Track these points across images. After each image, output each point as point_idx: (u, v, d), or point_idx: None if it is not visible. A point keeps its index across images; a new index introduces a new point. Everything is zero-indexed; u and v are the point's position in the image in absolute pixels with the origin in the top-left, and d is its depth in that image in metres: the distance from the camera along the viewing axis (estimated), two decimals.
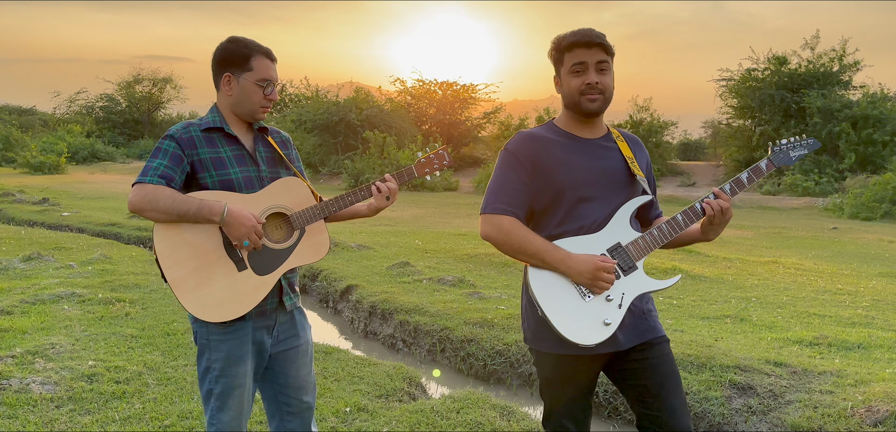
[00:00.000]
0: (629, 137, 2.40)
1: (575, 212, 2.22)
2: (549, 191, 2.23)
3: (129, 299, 6.41)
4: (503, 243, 2.22)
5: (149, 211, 2.33)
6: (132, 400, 4.10)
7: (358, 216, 2.69)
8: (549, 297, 2.16)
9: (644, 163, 2.38)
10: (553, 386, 2.30)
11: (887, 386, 4.01)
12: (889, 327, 5.87)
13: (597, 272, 2.13)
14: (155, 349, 5.04)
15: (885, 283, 8.25)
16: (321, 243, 2.53)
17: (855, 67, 27.23)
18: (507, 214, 2.22)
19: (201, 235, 2.36)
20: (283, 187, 2.50)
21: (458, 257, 9.09)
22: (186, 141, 2.42)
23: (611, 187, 2.25)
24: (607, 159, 2.27)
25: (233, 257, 2.38)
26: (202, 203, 2.33)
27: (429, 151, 2.71)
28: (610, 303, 2.16)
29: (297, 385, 2.64)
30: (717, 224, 2.24)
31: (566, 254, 2.17)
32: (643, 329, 2.26)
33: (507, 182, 2.25)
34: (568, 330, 2.13)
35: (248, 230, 2.34)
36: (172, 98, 49.97)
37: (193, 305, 2.35)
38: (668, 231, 2.24)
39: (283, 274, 2.50)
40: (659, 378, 2.24)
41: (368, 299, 6.64)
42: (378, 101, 33.27)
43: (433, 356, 5.63)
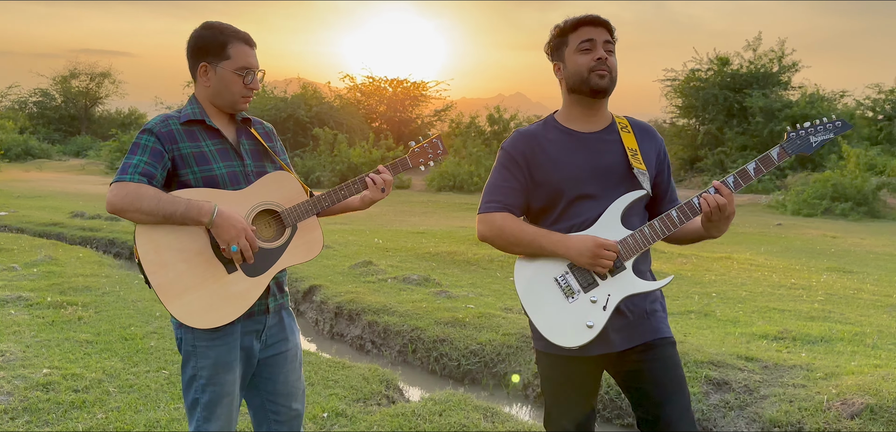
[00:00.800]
0: (639, 127, 2.31)
1: (571, 210, 2.17)
2: (545, 190, 2.19)
3: (80, 302, 6.11)
4: (497, 238, 2.19)
5: (130, 212, 2.17)
6: (93, 409, 3.89)
7: (350, 210, 2.58)
8: (532, 297, 2.13)
9: (654, 154, 2.28)
10: (551, 385, 2.25)
11: (858, 379, 4.10)
12: (846, 320, 6.04)
13: (597, 249, 2.08)
14: (113, 355, 4.80)
15: (834, 278, 8.50)
16: (314, 240, 2.41)
17: (793, 68, 28.16)
18: (500, 211, 2.19)
19: (187, 236, 2.22)
20: (272, 183, 2.36)
21: (420, 255, 8.99)
22: (166, 135, 2.26)
23: (607, 183, 2.18)
24: (604, 154, 2.20)
25: (221, 259, 2.25)
26: (190, 203, 2.19)
27: (423, 141, 2.61)
28: (594, 306, 2.10)
29: (286, 391, 2.51)
30: (716, 220, 2.13)
31: (564, 236, 2.12)
32: (643, 330, 2.20)
33: (501, 181, 2.22)
34: (549, 330, 2.10)
35: (238, 233, 2.20)
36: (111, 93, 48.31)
37: (180, 311, 2.20)
38: (661, 228, 2.15)
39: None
40: (658, 382, 2.18)
41: (333, 300, 6.49)
42: (327, 98, 32.83)
43: (404, 357, 5.52)
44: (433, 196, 22.01)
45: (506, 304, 6.28)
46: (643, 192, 2.19)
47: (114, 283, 7.14)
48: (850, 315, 6.30)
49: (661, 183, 2.31)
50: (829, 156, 22.69)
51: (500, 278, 7.75)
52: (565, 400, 2.23)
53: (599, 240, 2.09)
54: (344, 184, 2.45)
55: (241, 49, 2.33)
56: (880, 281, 8.35)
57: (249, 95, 2.38)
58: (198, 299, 2.21)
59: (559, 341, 2.09)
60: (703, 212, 2.13)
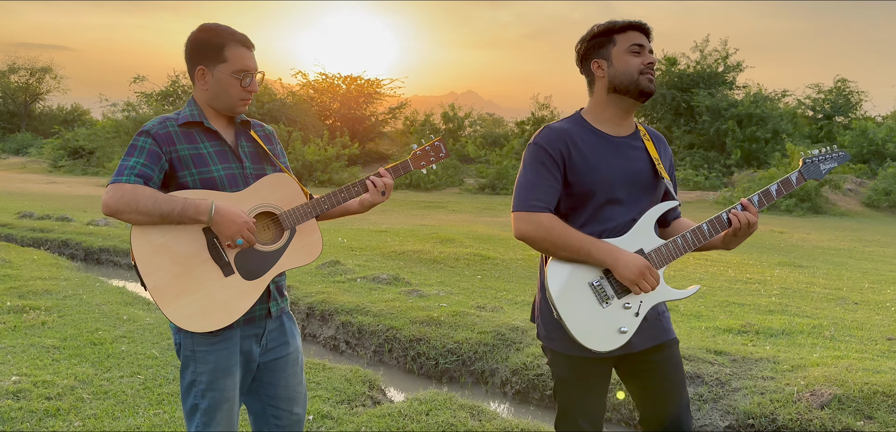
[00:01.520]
0: (654, 135, 2.37)
1: (600, 214, 2.20)
2: (576, 191, 2.20)
3: (43, 307, 5.92)
4: (543, 240, 2.16)
5: (127, 213, 2.13)
6: (69, 417, 3.79)
7: (348, 213, 2.56)
8: (566, 301, 2.15)
9: (667, 162, 2.36)
10: (568, 386, 2.27)
11: (823, 370, 4.29)
12: (803, 314, 6.29)
13: (644, 272, 2.12)
14: (83, 360, 4.67)
15: (787, 272, 8.83)
16: (314, 243, 2.39)
17: (738, 68, 29.03)
18: (545, 211, 2.17)
19: (184, 239, 2.19)
20: (270, 184, 2.34)
21: (386, 254, 8.98)
22: (163, 137, 2.24)
23: (637, 190, 2.23)
24: (635, 160, 2.25)
25: (218, 262, 2.22)
26: (187, 201, 2.16)
27: (424, 143, 2.61)
28: (627, 311, 2.16)
29: (287, 396, 2.50)
30: (740, 236, 2.21)
31: (614, 247, 2.15)
32: (657, 331, 2.27)
33: (538, 177, 2.19)
34: (583, 335, 2.13)
35: (239, 227, 2.18)
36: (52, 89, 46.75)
37: (176, 314, 2.17)
38: (693, 240, 2.21)
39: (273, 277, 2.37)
40: (666, 380, 2.28)
41: (304, 300, 6.44)
42: (279, 95, 32.40)
43: (380, 357, 5.52)
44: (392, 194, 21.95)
45: (477, 302, 6.34)
46: (676, 203, 2.27)
47: (74, 286, 6.94)
48: (806, 308, 6.56)
49: (674, 194, 2.37)
50: (773, 153, 23.49)
51: (468, 276, 7.81)
52: (583, 399, 2.27)
53: (647, 264, 2.13)
54: (344, 188, 2.43)
55: (238, 51, 2.30)
56: (829, 274, 8.71)
57: (248, 98, 2.35)
58: (195, 302, 2.18)
59: (592, 345, 2.12)
60: (732, 227, 2.19)
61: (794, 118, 27.17)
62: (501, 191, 22.74)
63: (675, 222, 2.40)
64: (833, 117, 28.24)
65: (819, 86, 29.16)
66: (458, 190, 24.19)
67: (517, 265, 8.53)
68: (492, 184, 23.17)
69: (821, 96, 28.84)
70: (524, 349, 5.05)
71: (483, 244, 10.17)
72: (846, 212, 18.74)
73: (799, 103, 29.07)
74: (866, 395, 3.89)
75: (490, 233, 11.54)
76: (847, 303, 6.88)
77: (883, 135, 23.49)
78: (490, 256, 8.91)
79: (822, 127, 27.75)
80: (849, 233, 14.18)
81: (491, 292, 6.97)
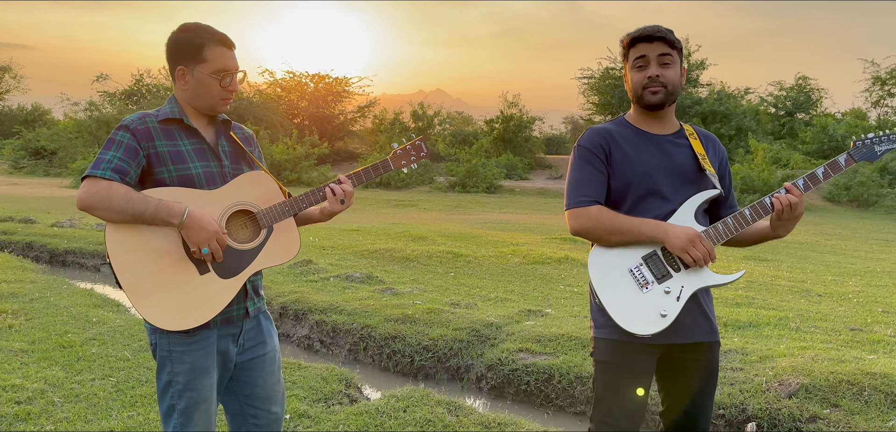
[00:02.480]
0: (704, 134, 2.40)
1: (641, 205, 2.24)
2: (618, 184, 2.26)
3: (9, 310, 5.80)
4: (594, 229, 2.22)
5: (100, 209, 2.13)
6: (39, 420, 3.73)
7: (311, 221, 2.53)
8: (606, 286, 2.19)
9: (718, 161, 2.37)
10: (608, 372, 2.27)
11: (791, 361, 4.40)
12: (769, 306, 6.43)
13: (694, 240, 2.14)
14: (53, 364, 4.60)
15: (752, 265, 9.01)
16: (291, 242, 2.38)
17: (701, 66, 29.51)
18: (593, 203, 2.24)
19: (159, 236, 2.18)
20: (247, 182, 2.33)
21: (359, 253, 8.96)
22: (142, 132, 2.22)
23: (679, 182, 2.26)
24: (676, 154, 2.28)
25: (194, 260, 2.21)
26: (160, 203, 2.15)
27: (405, 142, 2.62)
28: (668, 296, 2.16)
29: (265, 395, 2.49)
30: (786, 219, 2.20)
31: (663, 223, 2.19)
32: (705, 329, 2.29)
33: (586, 175, 2.28)
34: (623, 318, 2.15)
35: (208, 236, 2.16)
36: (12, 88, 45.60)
37: (150, 313, 2.16)
38: (734, 225, 2.22)
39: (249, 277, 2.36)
40: (702, 382, 2.31)
41: (278, 300, 6.40)
42: (246, 93, 32.07)
43: (355, 355, 5.52)
44: (361, 192, 21.90)
45: (452, 299, 6.37)
46: (717, 191, 2.26)
47: (40, 289, 6.80)
48: (772, 301, 6.71)
49: (724, 188, 2.37)
50: (737, 150, 23.95)
51: (441, 274, 7.84)
52: (622, 389, 2.26)
53: (698, 232, 2.15)
54: (303, 195, 2.40)
55: (217, 51, 2.29)
56: (793, 268, 8.92)
57: (229, 98, 2.35)
58: (169, 300, 2.17)
59: (633, 329, 2.14)
60: (775, 211, 2.20)
61: (757, 115, 27.71)
62: (472, 189, 22.80)
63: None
64: (795, 114, 28.87)
65: (781, 83, 29.81)
66: (429, 188, 24.20)
67: (489, 262, 8.59)
68: (462, 182, 23.23)
69: (783, 94, 29.47)
70: (499, 345, 5.10)
71: (455, 241, 10.20)
72: (808, 206, 19.18)
73: (762, 100, 29.67)
74: (832, 384, 4.00)
75: (462, 231, 11.58)
76: (811, 296, 7.06)
77: (842, 132, 24.11)
78: (462, 254, 8.95)
79: (784, 123, 28.36)
80: (811, 227, 14.52)
81: (464, 289, 7.01)
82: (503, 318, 5.62)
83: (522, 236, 11.13)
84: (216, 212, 2.25)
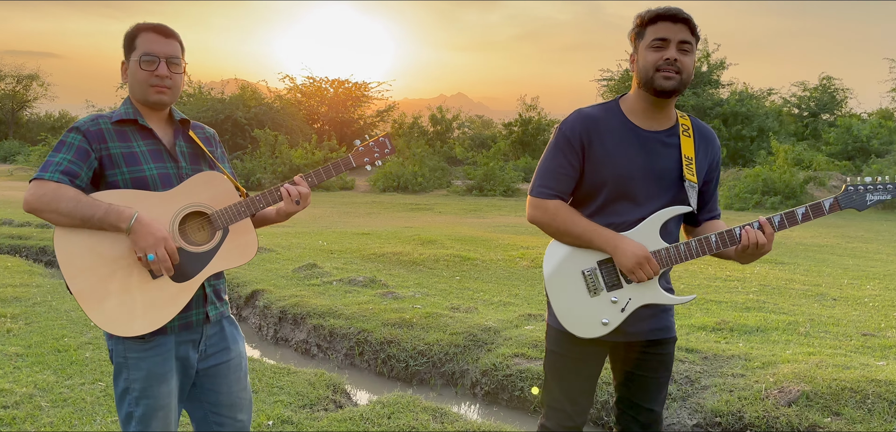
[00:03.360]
0: (700, 132, 2.28)
1: (611, 208, 2.18)
2: (591, 181, 2.19)
3: (10, 314, 5.83)
4: (548, 224, 2.21)
5: (48, 212, 2.07)
6: (24, 426, 3.71)
7: (267, 222, 2.46)
8: (556, 282, 2.21)
9: (707, 163, 2.27)
10: (555, 361, 2.29)
11: (793, 367, 4.25)
12: (780, 311, 6.26)
13: (642, 261, 2.11)
14: (45, 368, 4.59)
15: (767, 269, 8.80)
16: (248, 244, 2.31)
17: (721, 67, 29.11)
18: (553, 198, 2.20)
19: (108, 239, 2.12)
20: (201, 183, 2.26)
21: (365, 257, 8.91)
22: (94, 134, 2.17)
23: (655, 189, 2.17)
24: (661, 158, 2.18)
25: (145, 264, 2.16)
26: (109, 208, 2.08)
27: (368, 139, 2.54)
28: (614, 306, 2.16)
29: (229, 402, 2.43)
30: (750, 254, 2.14)
31: (616, 235, 2.14)
32: (658, 327, 2.26)
33: (555, 164, 2.21)
34: (565, 317, 2.19)
35: (156, 241, 2.09)
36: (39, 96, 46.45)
37: (102, 319, 2.11)
38: (697, 249, 2.16)
39: (207, 280, 2.29)
40: (655, 375, 2.30)
41: (277, 304, 6.36)
42: (266, 99, 32.28)
43: (351, 360, 5.46)
44: (377, 197, 21.89)
45: (452, 304, 6.28)
46: (688, 209, 2.19)
47: (45, 293, 6.84)
48: (784, 305, 6.53)
49: (706, 192, 2.30)
50: (758, 151, 23.57)
51: (446, 277, 7.76)
52: (570, 377, 2.27)
53: (647, 254, 2.11)
54: (259, 195, 2.32)
55: (146, 37, 2.21)
56: (809, 271, 8.70)
57: (159, 84, 2.21)
58: (120, 306, 2.11)
59: (571, 329, 2.18)
60: (741, 244, 2.13)
61: (780, 116, 27.27)
62: (489, 193, 22.70)
63: (708, 223, 2.33)
64: (819, 115, 28.36)
65: (804, 83, 29.31)
66: (446, 191, 24.12)
67: (497, 266, 8.48)
68: (479, 185, 23.14)
69: (806, 94, 28.98)
70: (495, 349, 5.00)
71: (465, 245, 10.11)
72: None
73: (785, 101, 29.20)
74: (834, 392, 3.85)
75: (473, 235, 11.48)
76: (825, 300, 6.86)
77: (867, 132, 23.61)
78: (470, 257, 8.85)
79: (808, 124, 27.87)
80: (833, 229, 14.19)
81: (468, 293, 6.91)
82: (502, 323, 5.52)
83: (533, 240, 11.01)
84: (168, 215, 2.19)
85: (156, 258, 2.10)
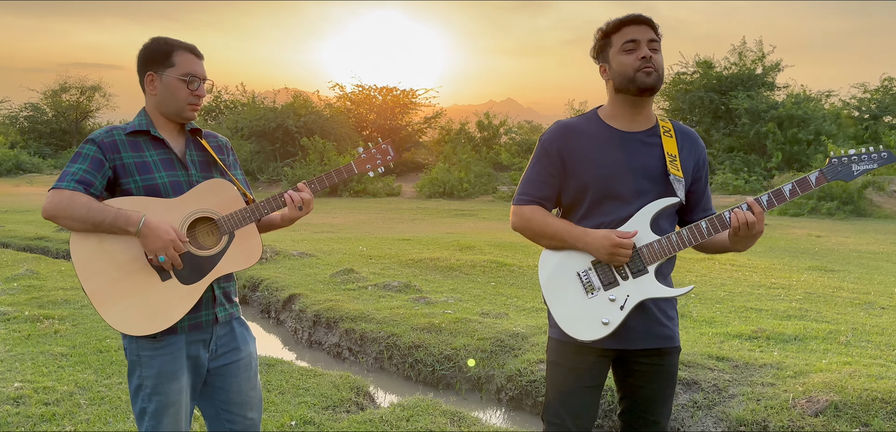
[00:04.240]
0: (682, 133, 2.30)
1: (599, 208, 2.20)
2: (574, 185, 2.22)
3: (57, 316, 6.10)
4: (525, 229, 2.26)
5: (63, 218, 2.21)
6: (62, 422, 3.89)
7: (273, 227, 2.55)
8: (553, 287, 2.21)
9: (693, 161, 2.28)
10: (555, 371, 2.28)
11: (825, 376, 4.13)
12: (822, 319, 6.08)
13: (615, 246, 2.12)
14: (86, 367, 4.79)
15: (815, 277, 8.55)
16: (252, 248, 2.40)
17: (776, 69, 28.27)
18: (531, 203, 2.25)
19: (120, 244, 2.24)
20: (208, 190, 2.37)
21: (403, 262, 9.00)
22: (108, 145, 2.30)
23: (641, 186, 2.19)
24: (643, 156, 2.20)
25: (156, 266, 2.27)
26: (119, 213, 2.21)
27: (371, 146, 2.60)
28: (612, 304, 2.15)
29: (240, 400, 2.52)
30: (743, 236, 2.13)
31: (584, 230, 2.17)
32: (660, 335, 2.24)
33: (534, 174, 2.27)
34: (565, 321, 2.18)
35: (164, 244, 2.21)
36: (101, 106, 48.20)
37: (114, 319, 2.23)
38: (689, 237, 2.17)
39: (216, 283, 2.39)
40: (658, 387, 2.27)
41: (312, 308, 6.49)
42: (317, 107, 32.84)
43: (380, 363, 5.53)
44: (423, 203, 22.03)
45: (483, 309, 6.30)
46: (676, 200, 2.20)
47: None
48: (827, 313, 6.34)
49: (697, 191, 2.30)
50: (815, 156, 22.84)
51: (481, 283, 7.77)
52: (568, 387, 2.25)
53: (617, 233, 2.12)
54: (264, 201, 2.41)
55: (186, 57, 2.35)
56: (860, 278, 8.41)
57: (196, 103, 2.37)
58: (131, 306, 2.23)
59: (573, 333, 2.16)
60: (732, 227, 2.12)
61: (838, 119, 26.35)
62: None
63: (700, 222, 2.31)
64: (879, 117, 27.31)
65: (865, 85, 28.26)
66: (492, 197, 24.11)
67: (533, 272, 8.46)
68: None
69: (867, 96, 27.94)
70: (522, 356, 5.00)
71: (503, 251, 10.11)
72: (891, 214, 18.08)
73: (844, 104, 28.21)
74: (864, 402, 3.73)
75: (513, 241, 11.46)
76: (873, 308, 6.63)
77: None
78: (507, 263, 8.85)
79: (867, 127, 26.85)
80: (890, 236, 13.67)
81: (501, 299, 6.92)
82: (532, 329, 5.51)
83: None
84: (176, 220, 2.30)
85: (166, 259, 2.22)
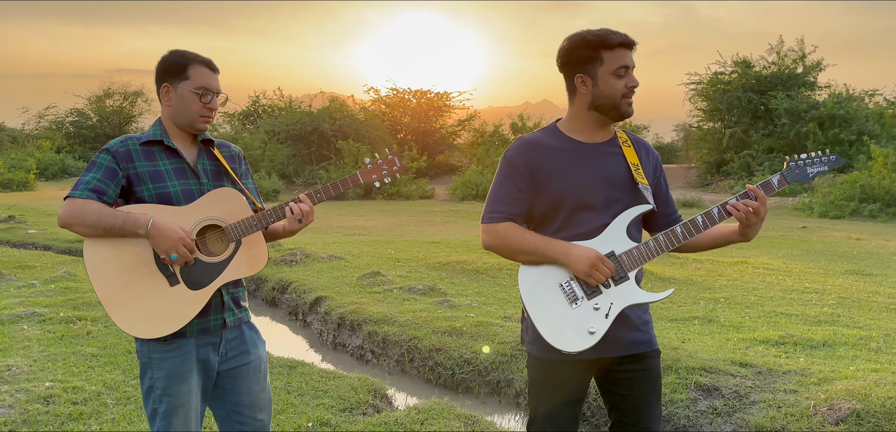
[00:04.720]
0: (637, 141, 2.33)
1: (573, 219, 2.20)
2: (547, 199, 2.21)
3: (90, 317, 6.27)
4: (501, 247, 2.22)
5: (76, 225, 2.30)
6: (89, 421, 4.00)
7: (277, 237, 2.61)
8: (535, 300, 2.16)
9: (652, 169, 2.32)
10: (538, 390, 2.26)
11: (849, 383, 4.04)
12: (854, 324, 5.93)
13: (596, 263, 2.11)
14: (115, 368, 4.92)
15: (851, 281, 8.34)
16: (258, 255, 2.47)
17: (817, 68, 27.62)
18: (503, 220, 2.21)
19: (131, 249, 2.32)
20: (217, 198, 2.44)
21: (430, 265, 9.04)
22: (123, 154, 2.38)
23: (612, 195, 2.20)
24: (610, 166, 2.22)
25: (164, 272, 2.34)
26: (128, 216, 2.29)
27: (378, 157, 2.64)
28: (596, 312, 2.14)
29: (249, 402, 2.58)
30: (753, 224, 2.19)
31: (566, 244, 2.15)
32: (638, 341, 2.24)
33: (503, 191, 2.24)
34: (551, 334, 2.13)
35: (174, 243, 2.28)
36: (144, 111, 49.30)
37: (124, 321, 2.31)
38: (666, 243, 2.20)
39: (224, 288, 2.45)
40: (643, 392, 2.26)
41: (337, 310, 6.57)
42: (352, 111, 33.16)
43: (402, 366, 5.57)
44: (456, 205, 22.07)
45: (506, 313, 6.30)
46: (650, 207, 2.22)
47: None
48: (860, 319, 6.19)
49: (661, 196, 2.34)
50: (858, 156, 22.25)
51: (506, 286, 7.77)
52: (553, 405, 2.24)
53: (598, 254, 2.12)
54: (269, 210, 2.45)
55: (200, 71, 2.43)
56: None
57: (209, 115, 2.46)
58: (141, 310, 2.31)
59: (560, 345, 2.11)
60: (741, 225, 2.20)
61: (882, 118, 25.62)
62: None
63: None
64: None
65: None
66: None
67: None
68: None
69: None
70: None
71: None
72: None
73: (889, 103, 27.44)
74: (888, 410, 3.64)
75: None
76: None
77: None
78: None
79: None
80: None
81: None
82: None
83: None
84: (186, 226, 2.37)
85: (178, 257, 2.29)
